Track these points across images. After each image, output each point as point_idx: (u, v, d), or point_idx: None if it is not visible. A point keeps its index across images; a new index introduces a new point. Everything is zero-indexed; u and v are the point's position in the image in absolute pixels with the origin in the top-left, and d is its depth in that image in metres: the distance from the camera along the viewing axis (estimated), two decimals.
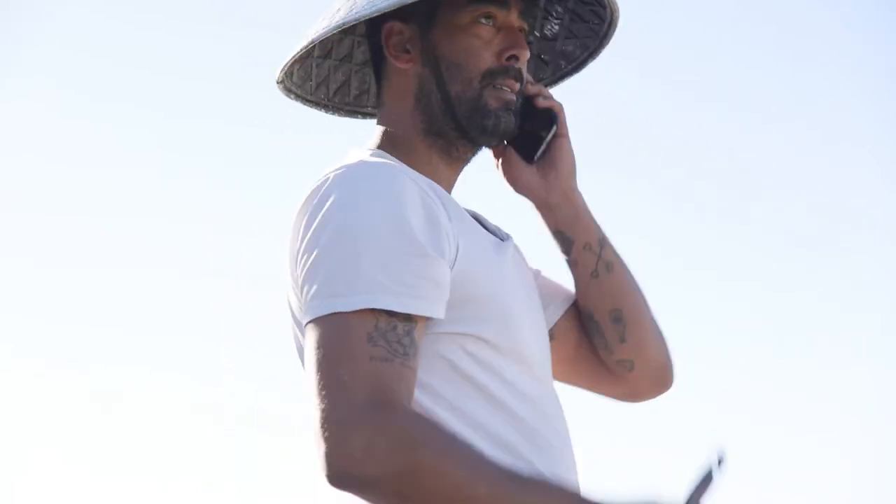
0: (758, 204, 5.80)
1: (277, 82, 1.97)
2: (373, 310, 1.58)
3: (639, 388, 2.00)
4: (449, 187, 1.87)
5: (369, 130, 1.91)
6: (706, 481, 1.64)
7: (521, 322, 1.76)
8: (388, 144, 1.85)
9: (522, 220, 1.99)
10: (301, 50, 1.88)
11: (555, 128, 1.92)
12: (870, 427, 5.19)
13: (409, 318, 1.60)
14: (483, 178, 2.00)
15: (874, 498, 4.98)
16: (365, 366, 1.55)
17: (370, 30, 1.90)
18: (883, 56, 5.44)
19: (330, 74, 2.04)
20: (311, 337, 1.60)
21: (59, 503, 5.53)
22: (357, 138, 1.95)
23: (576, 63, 2.06)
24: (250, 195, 5.86)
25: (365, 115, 2.08)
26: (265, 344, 5.49)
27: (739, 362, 5.47)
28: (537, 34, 2.07)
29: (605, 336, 1.95)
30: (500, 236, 1.90)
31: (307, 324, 1.62)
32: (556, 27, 2.06)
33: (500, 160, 1.97)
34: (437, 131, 1.84)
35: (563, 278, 2.01)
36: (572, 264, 1.95)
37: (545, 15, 2.06)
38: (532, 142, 1.92)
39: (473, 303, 1.69)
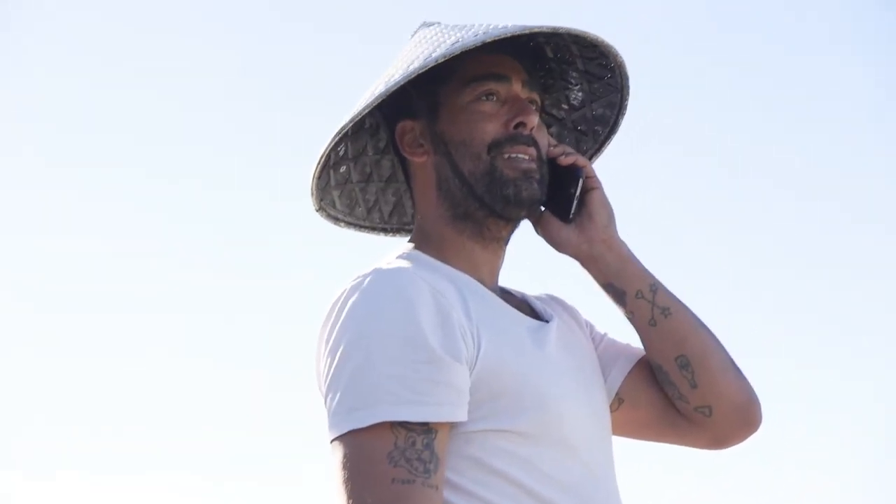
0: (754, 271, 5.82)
1: (316, 210, 2.00)
2: (390, 424, 1.59)
3: (723, 434, 1.93)
4: (492, 271, 1.87)
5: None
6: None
7: (563, 406, 1.74)
8: (422, 241, 1.86)
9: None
10: (318, 165, 1.92)
11: (580, 182, 1.91)
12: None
13: (427, 429, 1.61)
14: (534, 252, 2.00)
15: None
16: (387, 490, 1.57)
17: (392, 138, 1.93)
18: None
19: (380, 197, 2.06)
20: (334, 457, 1.62)
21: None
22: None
23: (610, 124, 2.05)
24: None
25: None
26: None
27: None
28: (565, 106, 2.08)
29: (676, 385, 1.90)
30: (546, 317, 1.88)
31: (330, 443, 1.63)
32: (580, 93, 2.05)
33: (539, 226, 1.95)
34: (463, 214, 1.84)
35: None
36: (630, 317, 1.91)
37: (565, 85, 2.06)
38: (565, 201, 1.92)
39: (505, 396, 1.68)
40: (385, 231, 2.08)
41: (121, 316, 5.85)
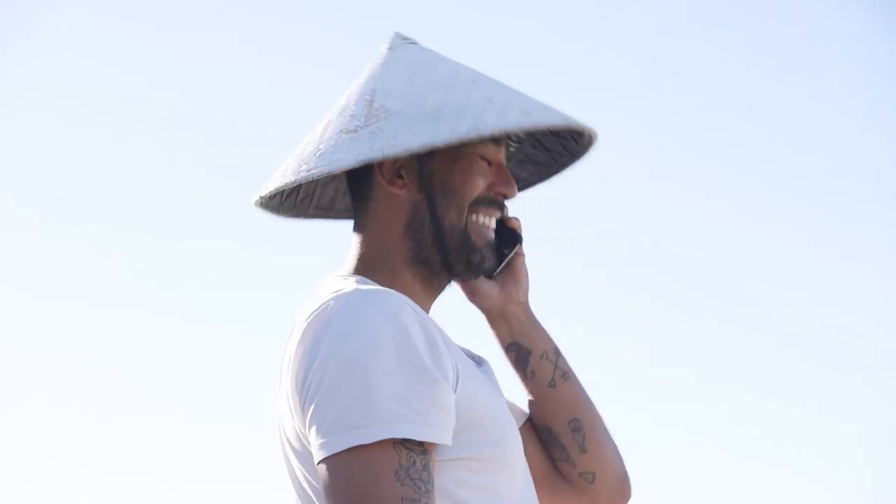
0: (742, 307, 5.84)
1: (259, 196, 1.90)
2: (392, 442, 1.59)
3: (599, 501, 1.98)
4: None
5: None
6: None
7: (513, 440, 1.78)
8: (369, 269, 1.83)
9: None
10: (279, 188, 1.84)
11: (518, 247, 1.95)
12: None
13: (423, 450, 1.61)
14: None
15: None
16: None
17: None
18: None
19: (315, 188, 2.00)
20: (333, 473, 1.60)
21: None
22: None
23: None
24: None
25: (307, 217, 2.02)
26: None
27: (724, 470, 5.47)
28: None
29: (566, 447, 1.96)
30: (476, 360, 1.91)
31: (324, 460, 1.61)
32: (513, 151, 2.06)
33: None
34: (424, 260, 1.83)
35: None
36: (529, 376, 1.97)
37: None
38: (496, 258, 1.92)
39: (473, 428, 1.70)
40: (276, 211, 1.97)
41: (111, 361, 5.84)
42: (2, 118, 5.60)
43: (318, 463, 1.62)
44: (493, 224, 1.87)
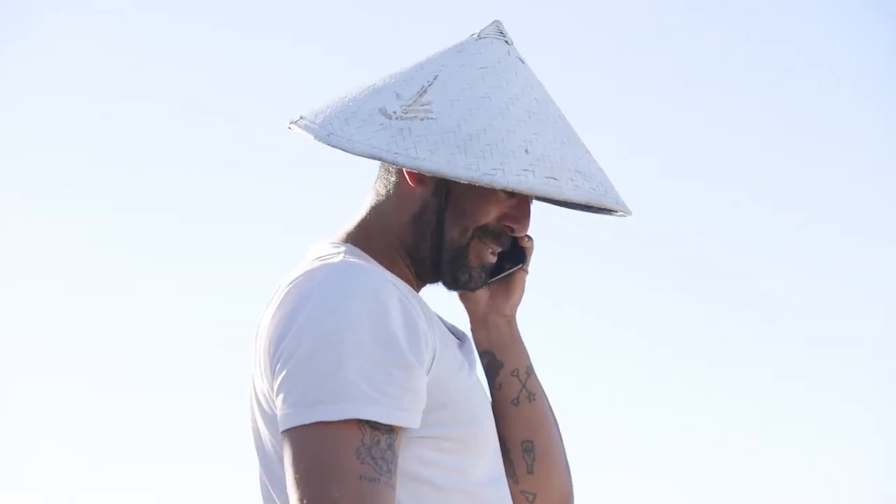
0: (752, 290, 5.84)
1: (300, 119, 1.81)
2: (358, 421, 1.59)
3: None
4: None
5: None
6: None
7: (486, 420, 1.78)
8: (365, 242, 1.81)
9: None
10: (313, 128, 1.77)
11: (521, 266, 1.94)
12: None
13: (390, 431, 1.61)
14: None
15: None
16: (355, 485, 1.57)
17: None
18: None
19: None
20: (294, 445, 1.59)
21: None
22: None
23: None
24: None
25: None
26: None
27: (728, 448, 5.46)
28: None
29: (514, 464, 1.93)
30: (458, 336, 1.89)
31: (287, 430, 1.60)
32: None
33: None
34: (418, 258, 1.81)
35: None
36: (495, 387, 1.94)
37: None
38: (495, 269, 1.91)
39: (446, 408, 1.70)
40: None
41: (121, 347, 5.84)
42: (2, 118, 5.62)
43: (282, 432, 1.62)
44: (495, 249, 1.83)
